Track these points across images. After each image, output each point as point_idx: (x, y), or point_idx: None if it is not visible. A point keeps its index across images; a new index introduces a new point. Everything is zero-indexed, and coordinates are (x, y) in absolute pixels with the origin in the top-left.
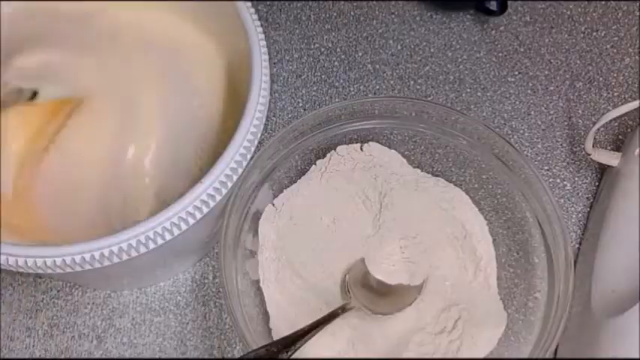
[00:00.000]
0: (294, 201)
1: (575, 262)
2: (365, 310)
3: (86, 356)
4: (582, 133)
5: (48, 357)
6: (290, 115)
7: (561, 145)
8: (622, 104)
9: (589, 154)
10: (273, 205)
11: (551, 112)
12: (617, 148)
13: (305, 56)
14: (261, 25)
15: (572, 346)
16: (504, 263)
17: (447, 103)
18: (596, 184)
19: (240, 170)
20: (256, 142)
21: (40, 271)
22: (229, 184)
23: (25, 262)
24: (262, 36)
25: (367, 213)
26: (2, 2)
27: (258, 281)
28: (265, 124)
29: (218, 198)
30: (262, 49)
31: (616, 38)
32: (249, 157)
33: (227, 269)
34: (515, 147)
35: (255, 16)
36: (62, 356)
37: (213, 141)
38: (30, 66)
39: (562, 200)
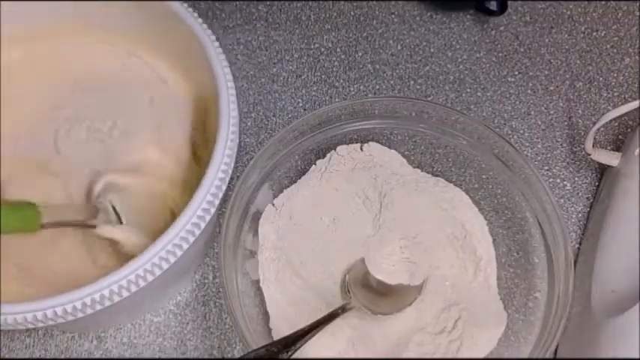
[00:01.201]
0: (294, 201)
1: (575, 262)
2: (365, 310)
3: (86, 356)
4: (582, 133)
5: (48, 357)
6: (290, 115)
7: (561, 145)
8: (622, 104)
9: (589, 154)
10: (273, 205)
11: (551, 112)
12: (617, 148)
13: (305, 56)
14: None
15: (572, 346)
16: (504, 263)
17: (447, 103)
18: (596, 184)
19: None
20: (224, 188)
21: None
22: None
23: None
24: (230, 77)
25: (367, 213)
26: (2, 2)
27: (258, 281)
28: (265, 125)
29: (173, 257)
30: (230, 91)
31: (616, 38)
32: (215, 206)
33: (227, 269)
34: (515, 147)
35: (220, 50)
36: (62, 356)
37: (185, 175)
38: None
39: (562, 200)
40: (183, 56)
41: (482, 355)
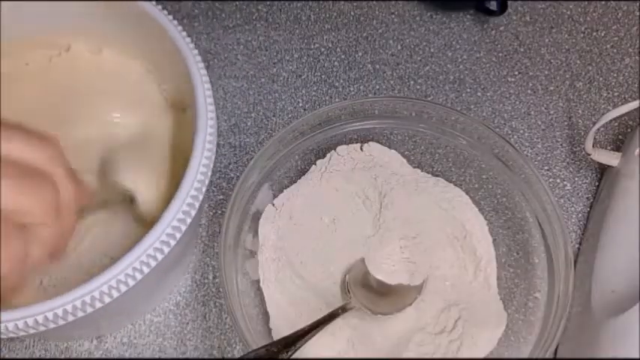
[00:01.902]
0: (294, 201)
1: (575, 262)
2: (365, 310)
3: (86, 356)
4: (582, 133)
5: (48, 357)
6: (290, 115)
7: (561, 145)
8: (622, 104)
9: (589, 154)
10: (273, 205)
11: (551, 112)
12: (617, 148)
13: (305, 56)
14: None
15: (572, 346)
16: (504, 263)
17: (447, 103)
18: (596, 184)
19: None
20: (202, 194)
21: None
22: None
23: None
24: (207, 81)
25: (367, 213)
26: (2, 2)
27: (258, 281)
28: (265, 125)
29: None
30: (208, 100)
31: (616, 38)
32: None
33: (227, 269)
34: (515, 147)
35: (199, 58)
36: (62, 356)
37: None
38: None
39: (562, 200)
40: (165, 64)
41: (482, 355)
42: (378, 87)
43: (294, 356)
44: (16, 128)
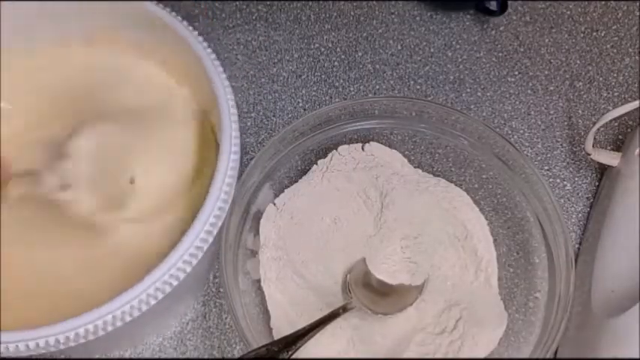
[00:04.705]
0: (295, 201)
1: (575, 262)
2: (366, 310)
3: (86, 356)
4: (582, 133)
5: (48, 357)
6: (290, 115)
7: (561, 145)
8: (622, 104)
9: (589, 154)
10: (274, 204)
11: (551, 112)
12: (617, 148)
13: (305, 56)
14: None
15: (573, 346)
16: (505, 263)
17: (447, 103)
18: (596, 184)
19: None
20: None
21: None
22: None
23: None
24: (232, 97)
25: (368, 213)
26: (2, 2)
27: (259, 281)
28: (265, 125)
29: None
30: (232, 118)
31: (616, 38)
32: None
33: (228, 269)
34: (516, 147)
35: (221, 69)
36: (62, 356)
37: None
38: None
39: (562, 200)
40: (188, 72)
41: (482, 356)
42: (378, 87)
43: (294, 356)
44: None
